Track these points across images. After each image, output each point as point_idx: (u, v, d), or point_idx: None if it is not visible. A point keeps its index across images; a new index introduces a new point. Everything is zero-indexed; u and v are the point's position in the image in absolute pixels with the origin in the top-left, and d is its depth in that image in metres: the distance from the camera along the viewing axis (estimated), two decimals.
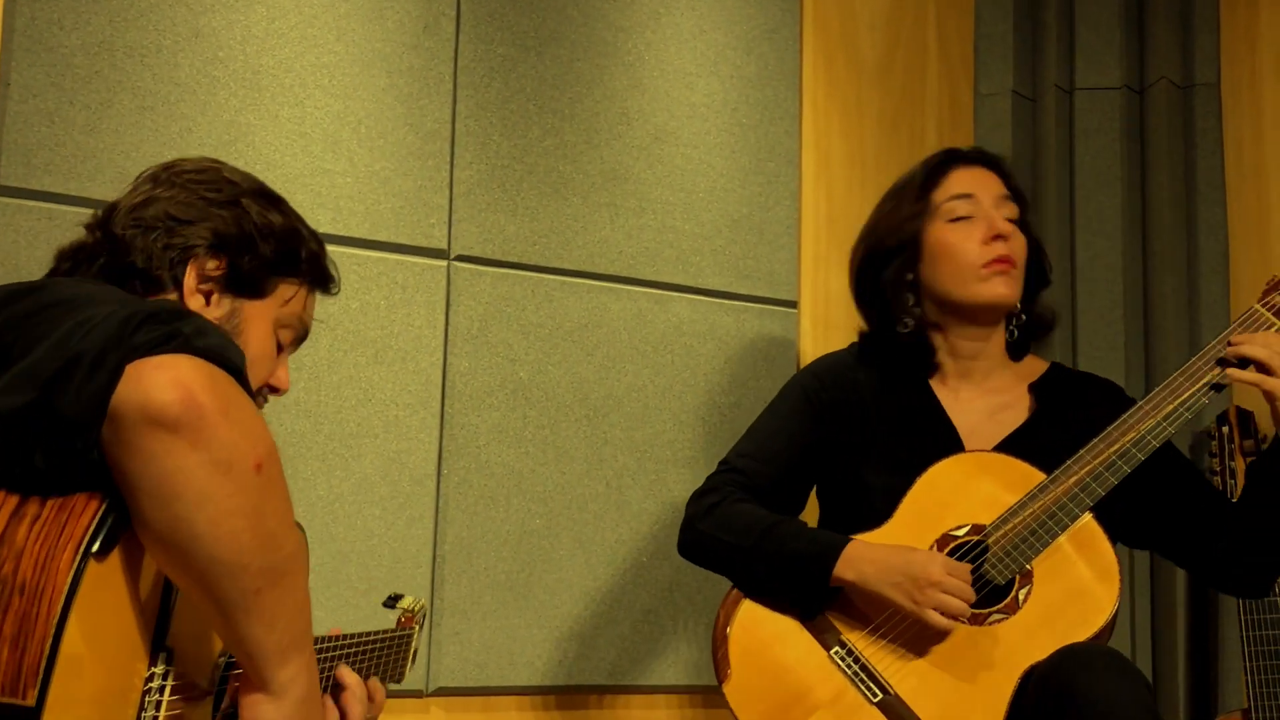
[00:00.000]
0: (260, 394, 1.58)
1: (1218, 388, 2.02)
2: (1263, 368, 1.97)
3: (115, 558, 1.18)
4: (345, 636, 1.64)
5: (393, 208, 2.54)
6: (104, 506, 1.17)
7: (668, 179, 2.85)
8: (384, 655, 1.75)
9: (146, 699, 1.25)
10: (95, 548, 1.15)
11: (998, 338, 2.24)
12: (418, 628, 1.84)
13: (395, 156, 2.55)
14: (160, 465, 1.13)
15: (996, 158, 2.26)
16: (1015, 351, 2.26)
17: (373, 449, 2.48)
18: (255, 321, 1.53)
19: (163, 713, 1.27)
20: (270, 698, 1.27)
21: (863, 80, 3.18)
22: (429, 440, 2.52)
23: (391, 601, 1.86)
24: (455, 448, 2.55)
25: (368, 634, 1.70)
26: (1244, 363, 2.00)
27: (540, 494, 2.64)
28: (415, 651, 1.85)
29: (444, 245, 2.58)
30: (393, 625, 1.81)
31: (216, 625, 1.24)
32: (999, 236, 2.14)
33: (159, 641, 1.27)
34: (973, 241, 2.15)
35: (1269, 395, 1.97)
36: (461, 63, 2.64)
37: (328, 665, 1.57)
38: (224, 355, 1.20)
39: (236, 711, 1.37)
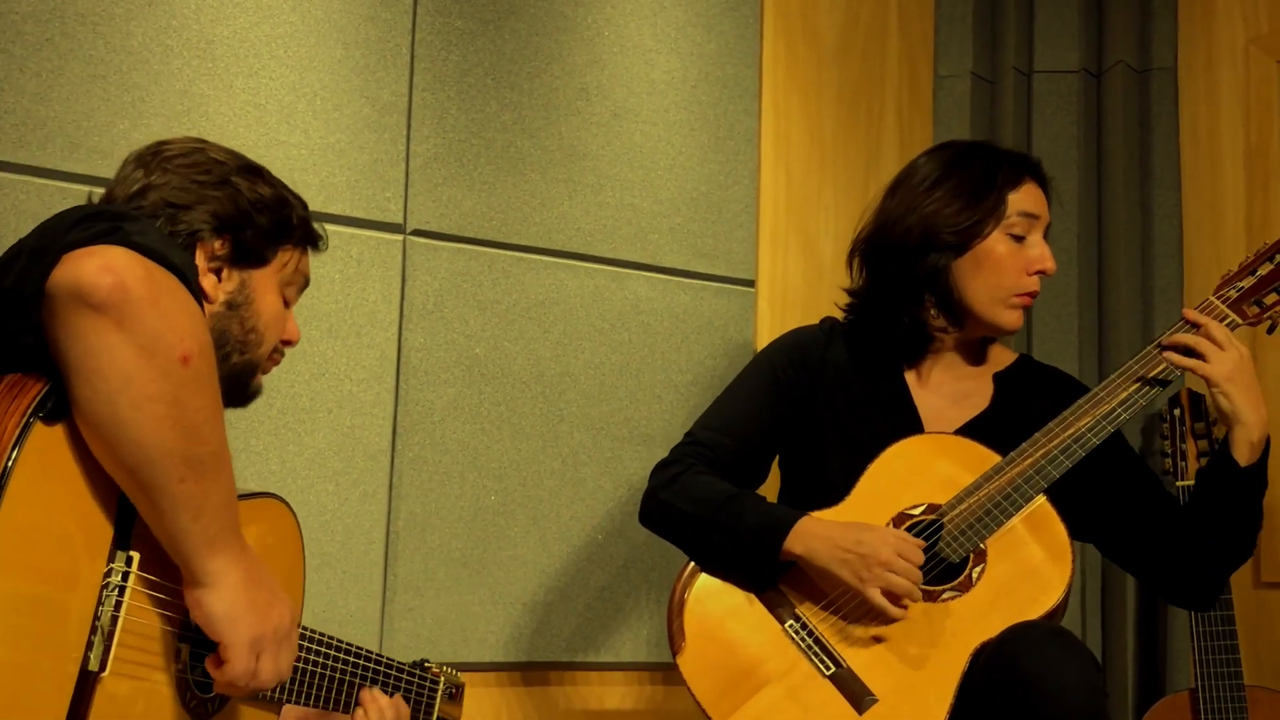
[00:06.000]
0: (276, 351, 1.69)
1: (1163, 383, 2.04)
2: (1191, 352, 2.00)
3: (63, 430, 1.25)
4: (363, 653, 1.80)
5: (348, 181, 2.51)
6: (50, 385, 1.24)
7: (626, 156, 2.84)
8: (405, 688, 1.89)
9: (105, 593, 1.28)
10: (42, 412, 1.22)
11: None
12: (440, 691, 1.97)
13: (351, 129, 2.52)
14: (86, 343, 1.20)
15: (1050, 182, 2.23)
16: (984, 342, 2.27)
17: (326, 424, 2.45)
18: (264, 288, 1.64)
19: (123, 612, 1.30)
20: (206, 588, 1.33)
21: (822, 60, 3.18)
22: (383, 416, 2.51)
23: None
24: (410, 423, 2.54)
25: (390, 661, 1.86)
26: (1183, 350, 2.02)
27: (495, 470, 2.63)
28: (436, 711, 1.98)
29: (400, 219, 2.56)
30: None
31: (147, 517, 1.29)
32: (1041, 273, 2.15)
33: (122, 537, 1.30)
34: (1018, 265, 2.13)
35: (1204, 379, 2.00)
36: (419, 35, 2.61)
37: (349, 678, 1.75)
38: (163, 254, 1.26)
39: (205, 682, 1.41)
